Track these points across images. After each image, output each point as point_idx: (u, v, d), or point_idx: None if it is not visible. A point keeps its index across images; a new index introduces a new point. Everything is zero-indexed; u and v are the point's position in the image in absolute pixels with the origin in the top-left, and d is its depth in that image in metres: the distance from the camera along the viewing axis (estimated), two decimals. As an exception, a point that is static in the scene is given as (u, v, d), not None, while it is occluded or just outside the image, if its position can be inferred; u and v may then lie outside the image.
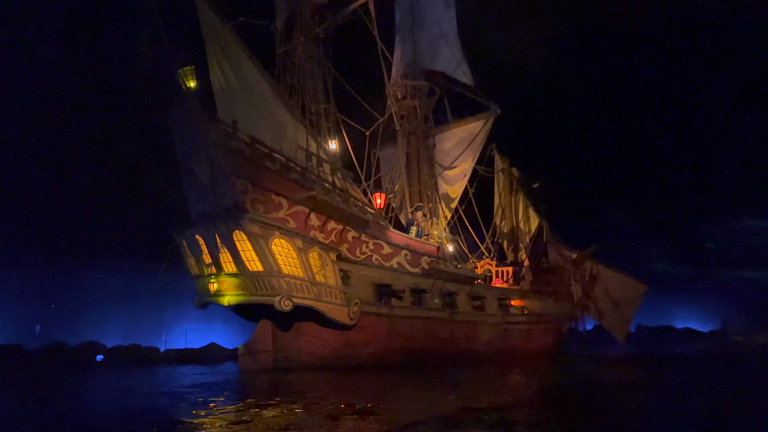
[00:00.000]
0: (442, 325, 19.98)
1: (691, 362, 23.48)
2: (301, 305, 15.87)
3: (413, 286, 19.32)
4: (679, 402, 12.17)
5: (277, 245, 15.69)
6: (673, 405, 11.65)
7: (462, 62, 22.44)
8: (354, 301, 17.17)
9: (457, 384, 15.15)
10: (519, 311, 23.18)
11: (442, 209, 22.67)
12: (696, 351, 31.97)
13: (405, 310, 18.89)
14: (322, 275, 16.52)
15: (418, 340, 19.19)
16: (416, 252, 19.91)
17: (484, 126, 22.32)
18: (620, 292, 30.84)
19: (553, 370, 20.47)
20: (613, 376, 18.05)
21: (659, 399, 12.47)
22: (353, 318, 17.14)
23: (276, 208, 16.37)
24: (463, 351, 20.74)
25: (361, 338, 17.83)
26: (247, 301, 16.17)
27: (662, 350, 32.15)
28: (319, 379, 16.13)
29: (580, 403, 12.38)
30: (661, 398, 12.60)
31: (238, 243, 15.63)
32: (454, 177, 23.03)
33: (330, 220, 17.45)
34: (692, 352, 31.01)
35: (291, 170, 17.10)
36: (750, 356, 27.10)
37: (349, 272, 17.63)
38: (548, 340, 24.94)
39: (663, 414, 10.47)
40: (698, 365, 21.99)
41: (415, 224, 20.77)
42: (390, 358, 18.48)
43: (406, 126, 22.95)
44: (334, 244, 17.41)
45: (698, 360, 24.99)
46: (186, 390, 13.63)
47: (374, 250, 18.57)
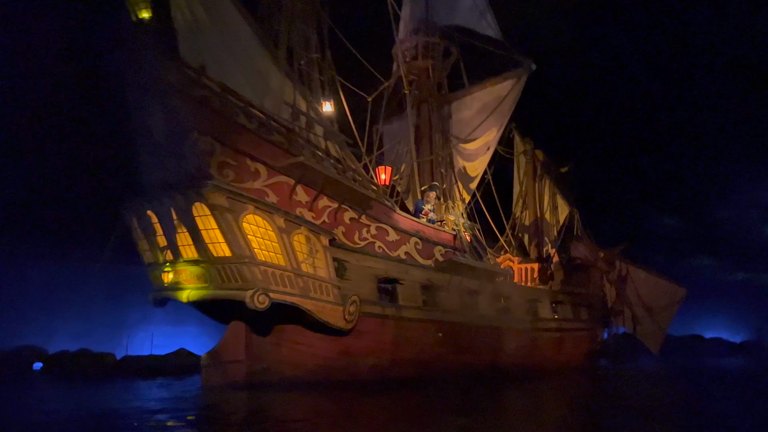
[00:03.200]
0: (461, 331, 16.17)
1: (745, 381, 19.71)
2: (281, 302, 12.08)
3: (425, 282, 15.53)
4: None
5: (250, 223, 11.90)
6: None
7: (486, 11, 18.72)
8: (351, 299, 13.37)
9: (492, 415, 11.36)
10: (549, 315, 19.37)
11: (459, 190, 18.86)
12: (739, 366, 28.24)
13: (416, 312, 15.10)
14: (310, 264, 12.71)
15: (432, 350, 15.39)
16: (429, 240, 16.12)
17: (515, 86, 18.49)
18: (654, 297, 27.17)
19: (597, 391, 16.65)
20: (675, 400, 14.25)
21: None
22: (350, 320, 13.34)
23: (251, 177, 12.58)
24: (486, 364, 16.92)
25: (361, 346, 14.04)
26: (211, 297, 12.38)
27: (698, 365, 28.41)
28: (305, 401, 12.37)
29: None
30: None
31: (198, 219, 11.85)
32: (475, 151, 19.19)
33: (322, 196, 13.68)
34: (734, 368, 27.27)
35: (273, 130, 13.32)
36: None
37: (345, 262, 13.84)
38: (582, 350, 21.10)
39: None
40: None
41: (425, 206, 16.95)
42: (397, 371, 14.69)
43: (416, 93, 19.15)
44: (327, 226, 13.62)
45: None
46: (126, 412, 9.93)
47: (377, 235, 14.77)
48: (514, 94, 18.53)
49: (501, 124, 18.93)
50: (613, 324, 24.28)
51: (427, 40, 19.13)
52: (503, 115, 18.80)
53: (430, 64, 18.88)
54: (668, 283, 27.77)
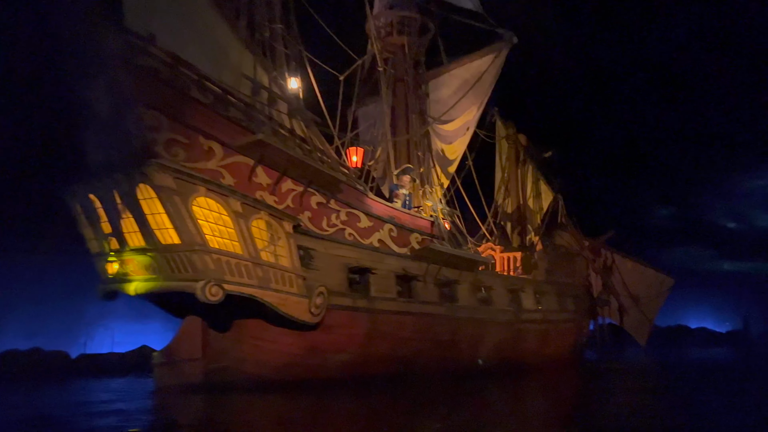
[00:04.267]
0: (439, 323, 15.09)
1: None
2: (237, 294, 10.90)
3: (401, 271, 14.40)
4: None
5: (202, 207, 10.70)
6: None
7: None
8: (318, 290, 12.21)
9: (471, 417, 10.28)
10: (533, 306, 18.34)
11: (437, 174, 17.71)
12: (726, 358, 27.53)
13: (391, 304, 13.98)
14: (271, 253, 11.53)
15: (408, 344, 14.28)
16: (404, 227, 14.99)
17: (495, 60, 17.34)
18: (641, 287, 26.31)
19: (584, 388, 15.68)
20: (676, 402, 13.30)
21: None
22: (316, 313, 12.18)
23: (205, 156, 11.35)
24: (467, 358, 15.86)
25: (331, 342, 12.90)
26: (160, 289, 11.17)
27: (684, 357, 27.68)
28: (267, 403, 11.26)
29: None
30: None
31: (144, 203, 10.63)
32: (453, 132, 18.02)
33: (286, 178, 12.48)
34: (721, 360, 26.55)
35: (231, 106, 12.11)
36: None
37: (312, 250, 12.67)
38: (568, 343, 20.12)
39: None
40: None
41: (399, 190, 15.81)
42: (370, 368, 13.57)
43: (392, 72, 17.96)
44: (292, 210, 12.44)
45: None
46: (59, 416, 8.73)
47: (348, 222, 13.62)
48: (494, 70, 17.38)
49: (481, 102, 17.79)
50: (599, 315, 23.34)
51: (403, 14, 17.92)
52: (483, 93, 17.64)
53: (406, 40, 17.67)
54: (655, 273, 26.94)
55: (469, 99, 17.64)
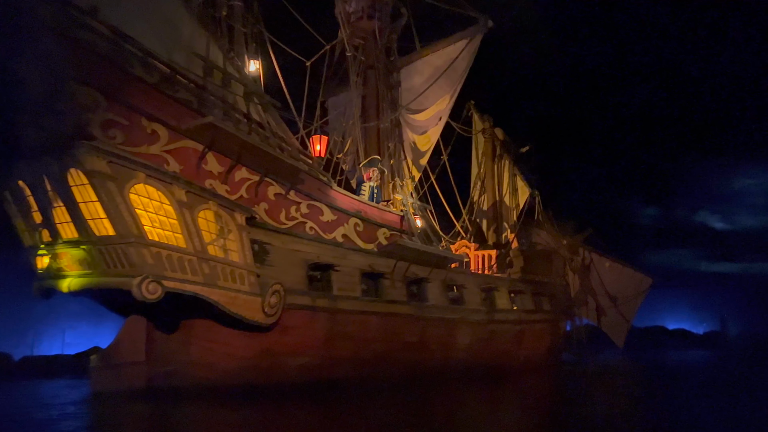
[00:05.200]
0: (407, 324, 14.18)
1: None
2: (180, 292, 9.87)
3: (366, 268, 13.46)
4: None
5: (140, 195, 9.66)
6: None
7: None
8: (273, 288, 11.22)
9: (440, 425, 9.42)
10: (508, 306, 17.52)
11: (408, 167, 16.79)
12: (704, 361, 27.01)
13: (355, 303, 13.03)
14: (220, 247, 10.52)
15: (374, 347, 13.36)
16: (371, 222, 14.06)
17: (468, 45, 16.43)
18: (619, 286, 25.66)
19: (560, 394, 14.91)
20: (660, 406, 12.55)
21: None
22: (271, 313, 11.19)
23: (147, 140, 10.30)
24: (437, 361, 14.97)
25: (287, 344, 11.92)
26: (95, 285, 10.10)
27: (662, 359, 27.10)
28: (217, 411, 10.29)
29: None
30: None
31: (75, 190, 9.57)
32: (425, 122, 17.11)
33: (240, 166, 11.48)
34: (699, 362, 26.03)
35: (179, 86, 11.07)
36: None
37: (267, 245, 11.69)
38: (543, 344, 19.34)
39: None
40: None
41: (366, 181, 14.88)
42: (332, 372, 12.62)
43: (362, 59, 16.99)
44: (246, 201, 11.45)
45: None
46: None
47: (309, 215, 12.64)
48: (467, 56, 16.48)
49: (454, 90, 16.88)
50: (576, 315, 22.63)
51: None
52: (456, 81, 16.74)
53: (377, 25, 16.70)
54: (634, 272, 26.33)
55: (441, 87, 16.74)
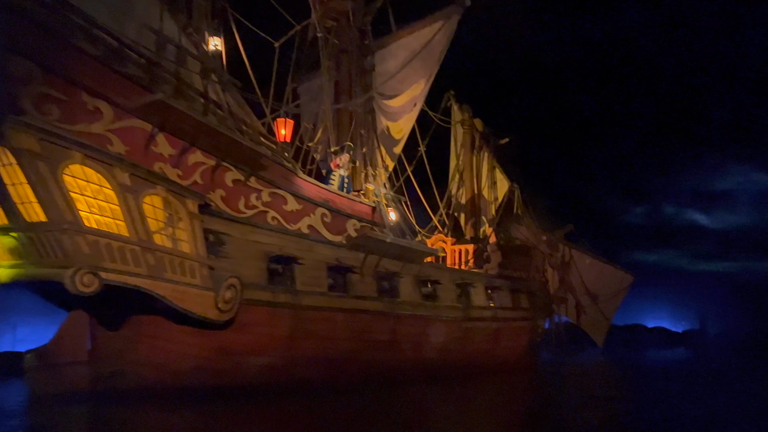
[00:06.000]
0: (377, 321, 13.35)
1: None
2: (120, 285, 8.93)
3: (333, 261, 12.61)
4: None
5: (76, 177, 8.70)
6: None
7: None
8: (228, 282, 10.32)
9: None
10: (484, 303, 16.77)
11: (382, 155, 15.93)
12: (683, 359, 26.61)
13: (320, 299, 12.17)
14: (168, 236, 9.60)
15: (340, 345, 12.51)
16: (340, 212, 13.21)
17: (444, 26, 15.56)
18: (599, 284, 25.07)
19: (541, 395, 14.22)
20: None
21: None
22: (225, 309, 10.29)
23: (88, 117, 9.34)
24: (409, 360, 14.16)
25: (246, 342, 11.03)
26: (26, 277, 9.13)
27: (641, 358, 26.66)
28: (168, 416, 9.44)
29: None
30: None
31: (3, 170, 8.59)
32: (400, 108, 16.23)
33: (194, 149, 10.57)
34: (679, 361, 25.61)
35: (128, 61, 10.11)
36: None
37: (224, 235, 10.78)
38: (521, 342, 18.63)
39: None
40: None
41: (335, 169, 14.01)
42: (296, 373, 11.75)
43: (335, 42, 16.07)
44: (200, 188, 10.53)
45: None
46: None
47: (271, 204, 11.75)
48: (443, 38, 15.60)
49: (429, 75, 16.01)
50: (555, 313, 21.99)
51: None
52: (432, 65, 15.87)
53: (351, 6, 15.78)
54: (614, 270, 25.77)
55: (417, 71, 15.88)
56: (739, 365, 22.18)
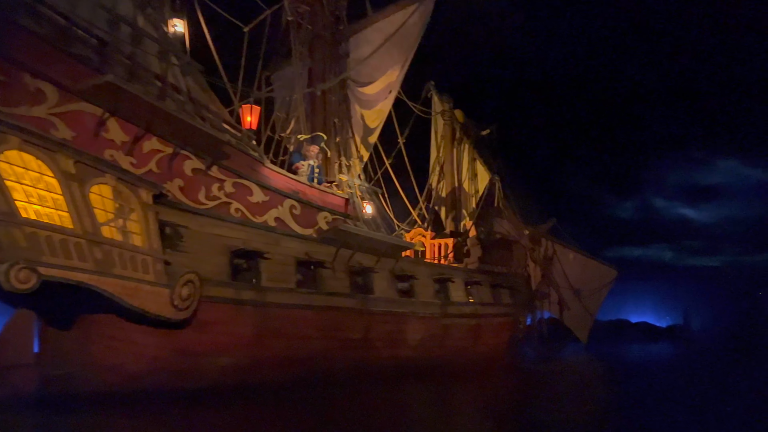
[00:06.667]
0: (350, 318, 12.74)
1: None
2: (62, 281, 8.22)
3: (303, 256, 11.97)
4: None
5: (13, 164, 7.96)
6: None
7: None
8: (186, 277, 9.64)
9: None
10: (464, 298, 16.21)
11: (356, 145, 15.30)
12: (669, 354, 26.28)
13: (288, 296, 11.53)
14: (119, 228, 8.89)
15: (310, 345, 11.88)
16: (311, 204, 12.56)
17: (418, 9, 14.89)
18: (583, 279, 24.68)
19: (523, 394, 13.68)
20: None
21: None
22: (183, 307, 9.61)
23: (29, 99, 8.61)
24: (384, 359, 13.57)
25: (207, 342, 10.37)
26: (-41, 274, 8.38)
27: (626, 354, 26.28)
28: (123, 422, 8.72)
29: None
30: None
31: (-69, 156, 7.84)
32: (375, 96, 15.58)
33: (149, 136, 9.86)
34: (667, 356, 25.27)
35: (77, 40, 9.40)
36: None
37: (182, 228, 10.09)
38: (502, 339, 18.11)
39: None
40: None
41: (307, 161, 13.37)
42: (262, 374, 11.11)
43: (308, 27, 15.39)
44: (156, 177, 9.83)
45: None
46: None
47: (235, 194, 11.08)
48: (418, 21, 14.92)
49: (405, 60, 15.37)
50: (537, 309, 21.52)
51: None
52: (408, 50, 15.23)
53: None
54: (598, 264, 25.42)
55: (392, 56, 15.24)
56: (721, 361, 21.83)
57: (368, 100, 15.71)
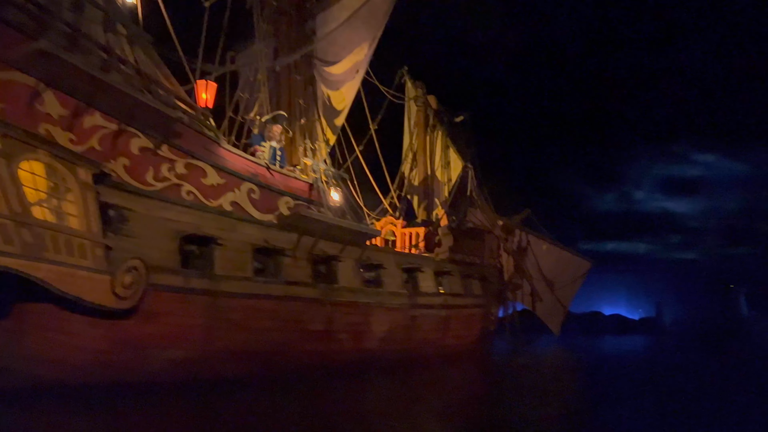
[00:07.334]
0: (312, 309, 12.12)
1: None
2: (-15, 266, 7.48)
3: (261, 243, 11.30)
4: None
5: (-72, 135, 7.19)
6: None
7: None
8: (128, 264, 8.93)
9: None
10: (433, 289, 15.70)
11: (322, 127, 14.62)
12: (642, 347, 26.16)
13: (244, 285, 10.86)
14: (52, 209, 8.14)
15: (268, 337, 11.25)
16: (271, 188, 11.89)
17: (386, -20, 14.30)
18: (556, 270, 24.37)
19: (493, 388, 13.25)
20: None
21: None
22: (125, 296, 8.90)
23: (-49, 67, 7.83)
24: (348, 352, 12.99)
25: (154, 334, 9.67)
26: None
27: (598, 347, 26.11)
28: (61, 419, 8.02)
29: None
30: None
31: None
32: (341, 76, 14.88)
33: (92, 111, 9.09)
34: (640, 350, 25.12)
35: (8, 4, 8.57)
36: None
37: (126, 210, 9.35)
38: (473, 331, 17.65)
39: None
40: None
41: (268, 142, 12.70)
42: (216, 368, 10.45)
43: (273, 4, 14.64)
44: (99, 155, 9.08)
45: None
46: None
47: (187, 176, 10.35)
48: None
49: (373, 38, 14.69)
50: (510, 300, 21.13)
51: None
52: (375, 25, 14.54)
53: (289, -39, 14.39)
54: (572, 256, 25.13)
55: (359, 33, 14.54)
56: (690, 354, 21.75)
57: (335, 81, 15.03)
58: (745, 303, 41.78)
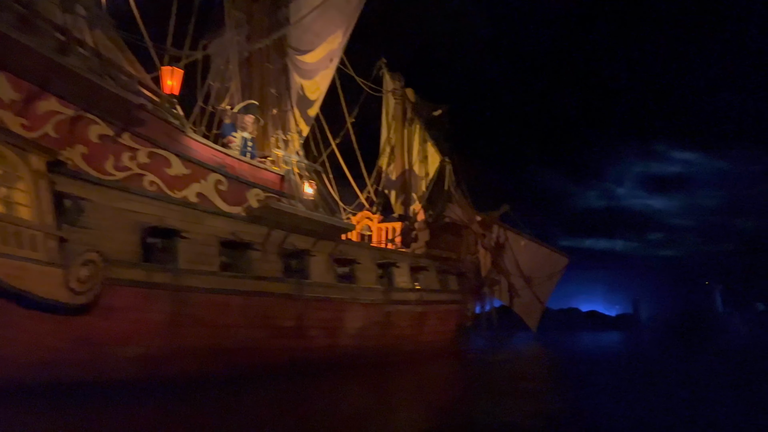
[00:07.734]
0: (282, 305, 11.74)
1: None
2: None
3: (228, 236, 10.88)
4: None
5: None
6: None
7: None
8: (84, 257, 8.48)
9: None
10: (409, 284, 15.39)
11: (296, 119, 14.21)
12: (619, 344, 26.15)
13: (209, 280, 10.44)
14: (1, 199, 7.67)
15: (235, 334, 10.85)
16: (240, 180, 11.46)
17: (359, -30, 13.91)
18: (534, 266, 24.21)
19: (468, 387, 12.98)
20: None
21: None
22: (80, 290, 8.46)
23: None
24: (320, 349, 12.63)
25: (114, 330, 9.23)
26: None
27: (577, 343, 26.07)
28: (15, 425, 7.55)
29: None
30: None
31: None
32: (315, 65, 14.48)
33: (47, 95, 8.61)
34: (617, 346, 25.11)
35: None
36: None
37: (83, 201, 8.89)
38: (449, 327, 17.38)
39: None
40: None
41: (240, 132, 12.28)
42: (180, 365, 10.02)
43: (245, -11, 14.18)
44: (54, 142, 8.62)
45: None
46: None
47: (149, 165, 9.90)
48: (364, -22, 13.97)
49: (348, 25, 14.30)
50: (487, 296, 20.92)
51: None
52: (350, 12, 14.14)
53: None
54: (550, 252, 25.01)
55: (333, 20, 14.16)
56: (666, 350, 21.76)
57: (308, 70, 14.62)
58: (720, 299, 42.34)
